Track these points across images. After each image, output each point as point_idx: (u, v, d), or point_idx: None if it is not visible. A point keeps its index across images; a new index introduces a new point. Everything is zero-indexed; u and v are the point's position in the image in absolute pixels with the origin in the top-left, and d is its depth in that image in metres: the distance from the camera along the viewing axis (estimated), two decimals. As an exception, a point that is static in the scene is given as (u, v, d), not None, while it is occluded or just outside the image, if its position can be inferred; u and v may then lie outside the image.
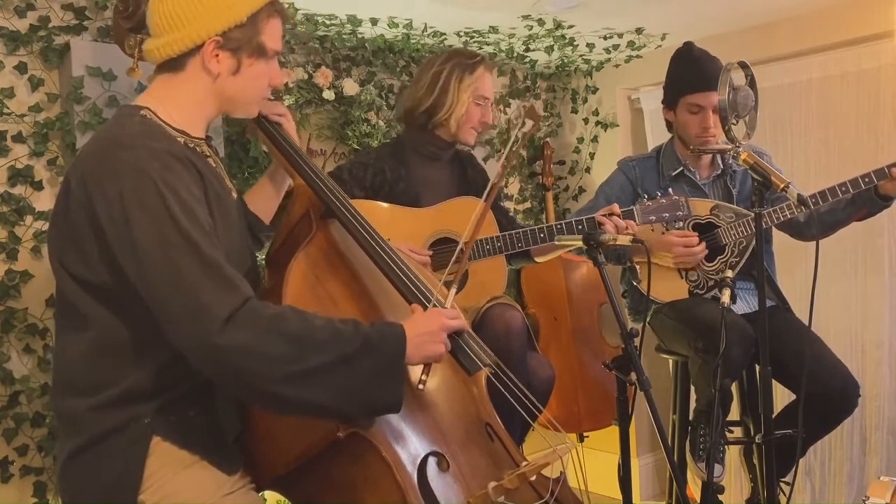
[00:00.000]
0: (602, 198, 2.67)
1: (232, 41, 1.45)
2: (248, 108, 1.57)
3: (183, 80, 1.47)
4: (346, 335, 1.36)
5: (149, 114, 1.44)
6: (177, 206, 1.32)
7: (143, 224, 1.30)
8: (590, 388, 3.44)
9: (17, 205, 2.37)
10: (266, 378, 1.29)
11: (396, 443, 1.47)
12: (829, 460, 3.28)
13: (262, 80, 1.53)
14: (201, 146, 1.51)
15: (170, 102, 1.47)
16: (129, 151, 1.34)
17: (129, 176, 1.32)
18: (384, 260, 1.62)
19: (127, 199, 1.31)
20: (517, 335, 2.13)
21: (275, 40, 1.52)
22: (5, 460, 2.33)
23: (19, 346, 2.38)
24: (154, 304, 1.32)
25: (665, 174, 2.67)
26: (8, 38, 2.38)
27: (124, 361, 1.39)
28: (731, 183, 2.65)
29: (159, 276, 1.30)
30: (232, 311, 1.29)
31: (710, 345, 2.27)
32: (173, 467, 1.40)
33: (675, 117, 2.63)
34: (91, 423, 1.39)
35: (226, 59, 1.46)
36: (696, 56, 2.61)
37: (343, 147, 3.14)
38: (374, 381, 1.37)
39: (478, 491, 1.51)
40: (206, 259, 1.31)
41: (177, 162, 1.37)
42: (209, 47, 1.44)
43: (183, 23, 1.43)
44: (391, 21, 3.00)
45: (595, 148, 3.90)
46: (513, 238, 2.28)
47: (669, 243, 2.48)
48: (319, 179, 1.67)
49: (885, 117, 3.06)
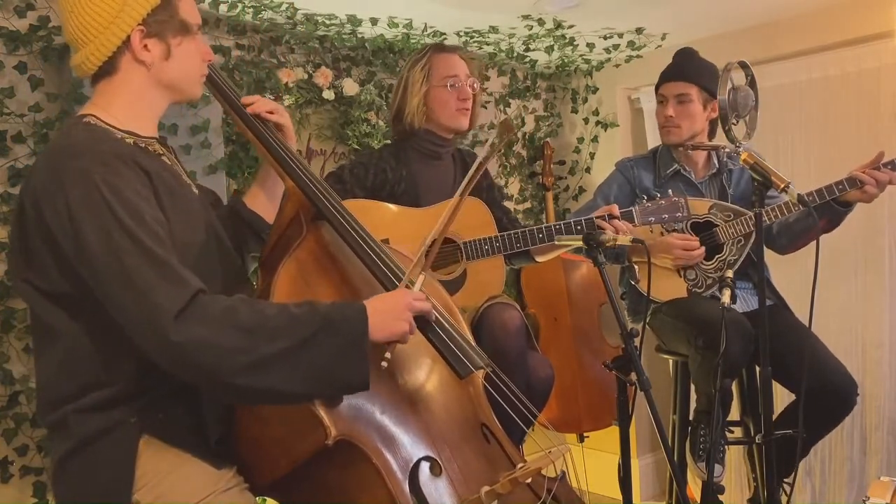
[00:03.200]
0: (600, 198, 2.68)
1: (154, 26, 1.45)
2: (192, 90, 1.56)
3: (120, 80, 1.48)
4: (303, 318, 1.36)
5: (93, 119, 1.44)
6: (121, 207, 1.32)
7: (91, 230, 1.31)
8: (590, 388, 3.44)
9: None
10: (226, 371, 1.29)
11: (387, 449, 1.45)
12: (829, 460, 3.28)
13: (195, 57, 1.53)
14: (153, 144, 1.51)
15: (113, 106, 1.47)
16: (75, 160, 1.35)
17: (74, 184, 1.33)
18: (377, 265, 1.60)
19: (73, 207, 1.32)
20: (515, 334, 2.13)
21: (193, 15, 1.52)
22: (5, 460, 2.33)
23: (19, 346, 2.38)
24: (111, 307, 1.32)
25: (661, 174, 2.68)
26: (8, 38, 2.38)
27: (100, 366, 1.39)
28: (727, 182, 2.66)
29: (111, 279, 1.31)
30: (182, 305, 1.29)
31: (709, 341, 2.27)
32: (165, 465, 1.40)
33: None
34: (77, 426, 1.39)
35: (154, 46, 1.46)
36: (678, 52, 2.68)
37: (343, 147, 3.14)
38: (337, 360, 1.36)
39: (471, 495, 1.49)
40: (152, 257, 1.31)
41: (121, 163, 1.37)
42: (136, 38, 1.44)
43: (103, 25, 1.43)
44: (391, 21, 3.00)
45: (595, 148, 3.90)
46: (511, 238, 2.28)
47: (670, 245, 2.49)
48: (310, 181, 1.65)
49: (885, 117, 3.06)
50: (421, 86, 2.34)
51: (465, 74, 2.37)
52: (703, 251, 2.49)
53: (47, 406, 1.45)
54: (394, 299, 1.47)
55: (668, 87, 2.60)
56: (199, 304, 1.31)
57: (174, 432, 1.42)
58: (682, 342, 2.47)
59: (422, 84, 2.34)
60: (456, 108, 2.35)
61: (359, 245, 1.61)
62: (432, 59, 2.37)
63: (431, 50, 2.40)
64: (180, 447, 1.42)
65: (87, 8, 1.44)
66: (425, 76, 2.35)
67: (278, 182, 1.72)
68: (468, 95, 2.37)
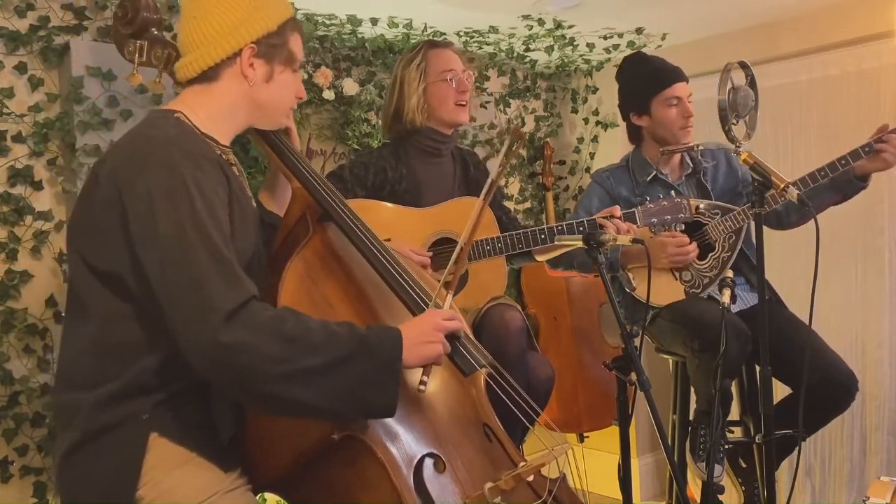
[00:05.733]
0: (582, 212, 2.64)
1: (265, 48, 1.52)
2: (278, 119, 1.63)
3: (217, 89, 1.53)
4: (342, 337, 1.38)
5: (182, 117, 1.49)
6: (201, 203, 1.36)
7: (167, 218, 1.34)
8: (590, 388, 3.44)
9: (17, 205, 2.37)
10: (261, 377, 1.31)
11: (392, 444, 1.47)
12: (829, 460, 3.28)
13: (291, 89, 1.59)
14: (227, 154, 1.56)
15: (201, 110, 1.52)
16: (163, 150, 1.39)
17: (159, 173, 1.36)
18: (381, 264, 1.62)
19: (155, 193, 1.35)
20: (516, 335, 2.13)
21: (299, 52, 1.59)
22: (5, 460, 2.33)
23: (19, 346, 2.38)
24: (164, 297, 1.34)
25: (639, 180, 2.67)
26: (8, 38, 2.38)
27: (124, 358, 1.41)
28: (705, 179, 2.66)
29: (174, 269, 1.33)
30: (235, 306, 1.31)
31: (706, 344, 2.27)
32: (170, 463, 1.40)
33: (649, 120, 2.63)
34: (89, 418, 1.40)
35: (260, 67, 1.52)
36: (650, 57, 2.69)
37: (343, 147, 3.14)
38: (368, 384, 1.38)
39: (474, 492, 1.51)
40: (219, 256, 1.34)
41: (208, 163, 1.43)
42: (246, 54, 1.50)
43: (220, 34, 1.49)
44: (391, 21, 3.00)
45: (595, 148, 3.90)
46: (513, 239, 2.28)
47: (663, 244, 2.48)
48: (317, 182, 1.67)
49: (885, 117, 3.05)
50: (418, 84, 2.34)
51: (461, 68, 2.38)
52: (696, 248, 2.50)
53: (63, 384, 1.47)
54: (426, 323, 1.50)
55: (680, 88, 2.59)
56: (250, 308, 1.33)
57: (184, 431, 1.43)
58: (679, 345, 2.47)
59: (419, 82, 2.34)
60: (455, 101, 2.35)
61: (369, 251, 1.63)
62: (427, 55, 2.37)
63: (425, 46, 2.39)
64: (188, 446, 1.42)
65: (210, 16, 1.50)
66: (422, 73, 2.35)
67: (287, 187, 1.76)
68: (466, 87, 2.37)
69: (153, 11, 1.71)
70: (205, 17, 1.50)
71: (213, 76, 1.52)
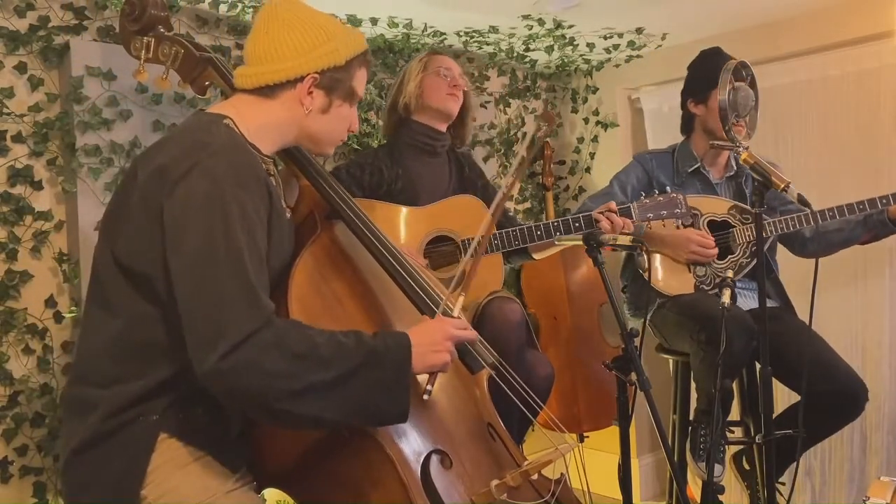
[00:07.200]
0: (616, 185, 2.68)
1: (328, 80, 1.52)
2: (326, 148, 1.62)
3: (272, 106, 1.52)
4: (350, 349, 1.38)
5: (231, 124, 1.48)
6: (239, 220, 1.34)
7: (197, 230, 1.32)
8: (590, 388, 3.44)
9: (17, 205, 2.37)
10: (271, 395, 1.30)
11: (400, 440, 1.48)
12: (829, 460, 3.28)
13: (345, 123, 1.59)
14: (268, 164, 1.54)
15: (252, 121, 1.51)
16: (211, 159, 1.37)
17: (202, 182, 1.35)
18: (390, 262, 1.63)
19: (193, 200, 1.33)
20: (516, 327, 2.15)
21: (361, 88, 1.60)
22: (5, 460, 2.33)
23: (19, 346, 2.38)
24: (181, 308, 1.33)
25: (681, 170, 2.68)
26: (8, 38, 2.38)
27: (145, 359, 1.40)
28: (745, 184, 2.66)
29: (192, 283, 1.32)
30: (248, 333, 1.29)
31: (712, 336, 2.26)
32: (176, 463, 1.40)
33: (705, 109, 2.63)
34: (103, 418, 1.39)
35: (319, 97, 1.52)
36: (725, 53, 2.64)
37: (342, 147, 3.14)
38: (380, 394, 1.39)
39: (481, 489, 1.52)
40: (244, 278, 1.32)
41: (252, 179, 1.41)
42: (308, 82, 1.50)
43: (287, 56, 1.49)
44: (391, 21, 3.00)
45: (595, 148, 3.90)
46: (510, 236, 2.29)
47: (688, 239, 2.50)
48: (325, 181, 1.68)
49: (885, 117, 3.06)
50: (417, 73, 2.47)
51: (458, 72, 2.52)
52: (716, 250, 2.51)
53: (78, 380, 1.46)
54: (436, 331, 1.49)
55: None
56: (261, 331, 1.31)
57: (193, 431, 1.43)
58: (685, 338, 2.47)
59: (418, 73, 2.47)
60: (446, 91, 2.45)
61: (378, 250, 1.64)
62: (431, 55, 2.53)
63: (431, 52, 2.56)
64: (195, 446, 1.43)
65: (281, 35, 1.50)
66: (423, 66, 2.49)
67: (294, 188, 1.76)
68: (458, 83, 2.48)
69: (161, 9, 1.71)
70: (276, 35, 1.50)
71: (270, 94, 1.51)
